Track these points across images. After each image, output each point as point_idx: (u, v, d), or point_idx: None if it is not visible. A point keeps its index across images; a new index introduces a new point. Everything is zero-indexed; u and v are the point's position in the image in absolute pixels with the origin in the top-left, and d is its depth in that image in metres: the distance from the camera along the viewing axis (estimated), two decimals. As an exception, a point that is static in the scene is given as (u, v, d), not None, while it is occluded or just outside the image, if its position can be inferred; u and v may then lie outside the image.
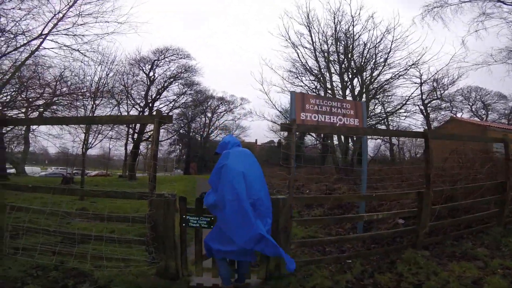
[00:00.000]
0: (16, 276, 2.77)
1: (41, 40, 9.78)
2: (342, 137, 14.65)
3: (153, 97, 27.67)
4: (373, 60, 15.80)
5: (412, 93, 16.46)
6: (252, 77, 17.22)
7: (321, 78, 16.57)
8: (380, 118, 17.52)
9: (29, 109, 11.73)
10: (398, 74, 15.69)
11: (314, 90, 17.21)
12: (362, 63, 15.94)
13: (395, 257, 3.38)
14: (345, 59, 16.24)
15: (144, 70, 26.74)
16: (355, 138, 16.81)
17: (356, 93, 16.11)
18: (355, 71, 16.19)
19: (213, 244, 2.54)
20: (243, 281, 2.87)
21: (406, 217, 4.39)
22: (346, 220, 3.96)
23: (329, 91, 15.94)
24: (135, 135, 25.35)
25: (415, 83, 16.73)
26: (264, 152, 37.81)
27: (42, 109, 11.98)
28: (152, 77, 27.00)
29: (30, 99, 10.69)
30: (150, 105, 26.35)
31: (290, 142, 3.17)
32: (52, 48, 10.57)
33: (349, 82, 16.47)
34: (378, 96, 17.00)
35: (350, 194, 4.06)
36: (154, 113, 3.08)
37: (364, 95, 15.67)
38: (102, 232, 3.22)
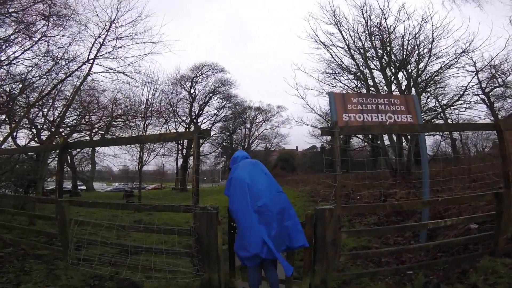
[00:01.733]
0: (76, 286, 2.99)
1: (90, 64, 10.94)
2: (394, 136, 13.49)
3: (196, 113, 29.29)
4: (416, 52, 14.42)
5: (469, 83, 14.53)
6: (286, 82, 16.93)
7: (361, 76, 15.65)
8: (436, 112, 15.75)
9: (92, 131, 13.26)
10: (448, 63, 14.06)
11: (355, 89, 16.30)
12: (404, 56, 14.66)
13: (468, 266, 2.94)
14: (384, 54, 15.12)
15: (185, 88, 28.58)
16: (409, 136, 15.38)
17: (403, 88, 14.82)
18: (397, 64, 14.93)
19: (239, 251, 2.64)
20: None
21: (480, 222, 3.73)
22: (407, 229, 3.46)
23: (372, 88, 14.94)
24: (184, 150, 26.90)
25: (470, 71, 14.77)
26: (307, 159, 36.81)
27: (102, 132, 13.47)
28: (193, 93, 28.72)
29: (92, 122, 12.04)
30: (195, 120, 27.91)
31: (334, 147, 2.94)
32: (100, 72, 11.80)
33: (393, 77, 15.25)
34: (429, 89, 15.39)
35: (411, 201, 3.57)
36: (193, 129, 3.18)
37: (413, 89, 14.31)
38: (154, 243, 3.36)
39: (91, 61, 10.97)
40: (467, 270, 2.88)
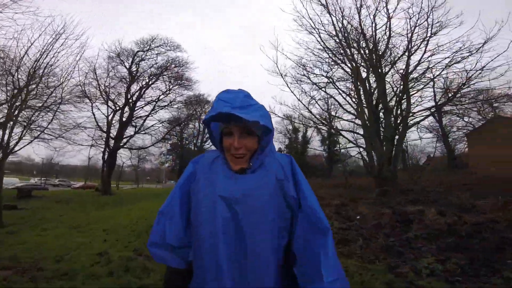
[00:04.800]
0: None
1: None
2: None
3: (135, 95, 22.78)
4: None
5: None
6: (262, 52, 13.80)
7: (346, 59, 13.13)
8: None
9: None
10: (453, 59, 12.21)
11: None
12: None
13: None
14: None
15: (125, 65, 22.24)
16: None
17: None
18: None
19: None
20: None
21: None
22: None
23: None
24: (111, 141, 20.65)
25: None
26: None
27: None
28: (134, 72, 22.38)
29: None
30: (131, 104, 21.84)
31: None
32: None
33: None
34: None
35: None
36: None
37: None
38: None
39: None
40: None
